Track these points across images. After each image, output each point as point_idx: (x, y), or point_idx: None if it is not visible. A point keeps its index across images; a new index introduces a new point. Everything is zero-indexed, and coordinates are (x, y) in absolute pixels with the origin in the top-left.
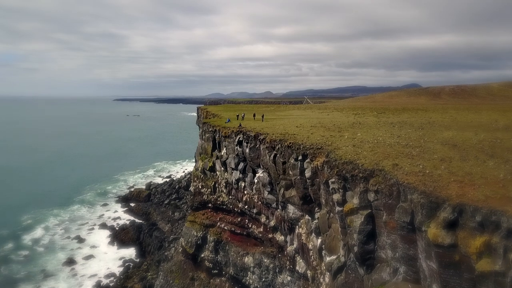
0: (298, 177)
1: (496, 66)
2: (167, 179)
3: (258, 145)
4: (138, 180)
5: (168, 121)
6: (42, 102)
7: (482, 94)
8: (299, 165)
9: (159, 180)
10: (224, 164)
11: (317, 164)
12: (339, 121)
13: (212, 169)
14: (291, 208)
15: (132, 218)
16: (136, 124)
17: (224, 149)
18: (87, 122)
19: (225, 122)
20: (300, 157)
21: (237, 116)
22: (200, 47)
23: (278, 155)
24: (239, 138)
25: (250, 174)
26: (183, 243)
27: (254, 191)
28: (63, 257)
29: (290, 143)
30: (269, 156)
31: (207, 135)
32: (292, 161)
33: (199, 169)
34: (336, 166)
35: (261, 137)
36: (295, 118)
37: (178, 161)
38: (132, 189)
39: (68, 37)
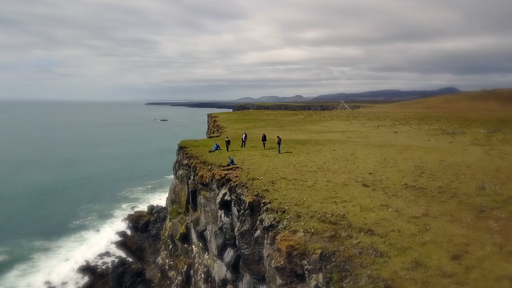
0: None
1: None
2: None
3: (259, 233)
4: (145, 199)
5: (198, 127)
6: (79, 106)
7: None
8: None
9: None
10: (201, 237)
11: None
12: (459, 161)
13: (185, 238)
14: None
15: (122, 255)
16: (162, 130)
17: (202, 207)
18: (106, 127)
19: (209, 151)
20: None
21: (227, 141)
22: (229, 52)
23: None
24: (225, 195)
25: (247, 278)
26: None
27: None
28: None
29: None
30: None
31: (180, 172)
32: None
33: (167, 232)
34: None
35: (266, 220)
36: (344, 141)
37: None
38: (133, 212)
39: (101, 43)
